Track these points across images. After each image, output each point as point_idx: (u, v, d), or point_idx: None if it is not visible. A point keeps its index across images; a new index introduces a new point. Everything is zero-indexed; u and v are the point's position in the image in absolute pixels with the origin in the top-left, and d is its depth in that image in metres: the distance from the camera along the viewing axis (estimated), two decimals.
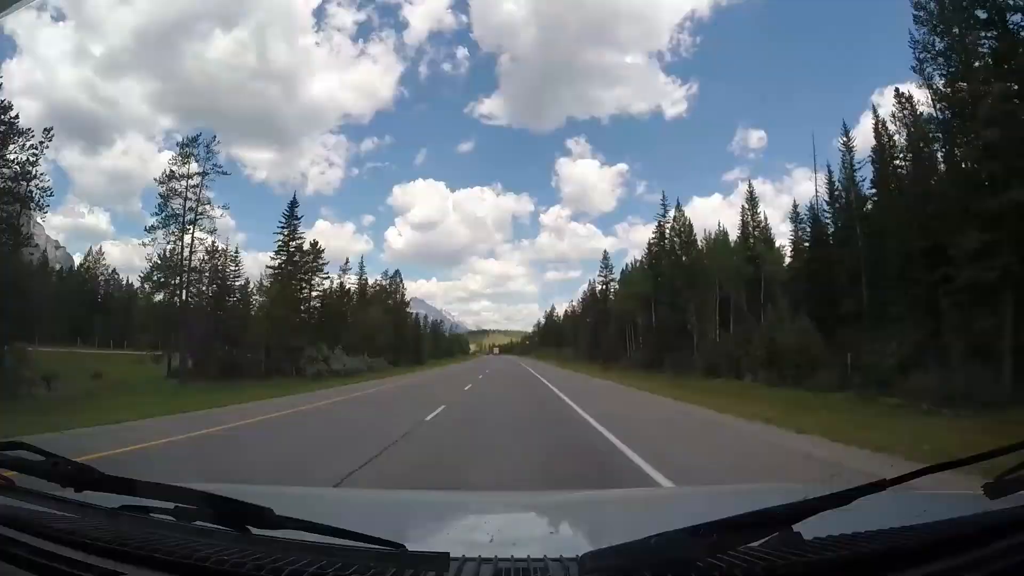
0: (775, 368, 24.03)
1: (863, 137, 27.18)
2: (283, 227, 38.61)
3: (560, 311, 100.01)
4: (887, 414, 12.89)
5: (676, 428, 10.84)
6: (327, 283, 42.16)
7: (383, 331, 48.34)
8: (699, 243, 39.45)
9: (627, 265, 58.75)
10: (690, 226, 40.52)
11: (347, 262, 50.41)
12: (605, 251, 67.85)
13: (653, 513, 1.80)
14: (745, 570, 0.76)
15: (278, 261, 38.25)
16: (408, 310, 65.08)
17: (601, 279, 61.08)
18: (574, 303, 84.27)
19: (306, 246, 39.14)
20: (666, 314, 38.77)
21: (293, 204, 40.06)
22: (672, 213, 41.26)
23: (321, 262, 41.68)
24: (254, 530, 0.91)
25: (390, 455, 7.38)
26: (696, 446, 8.64)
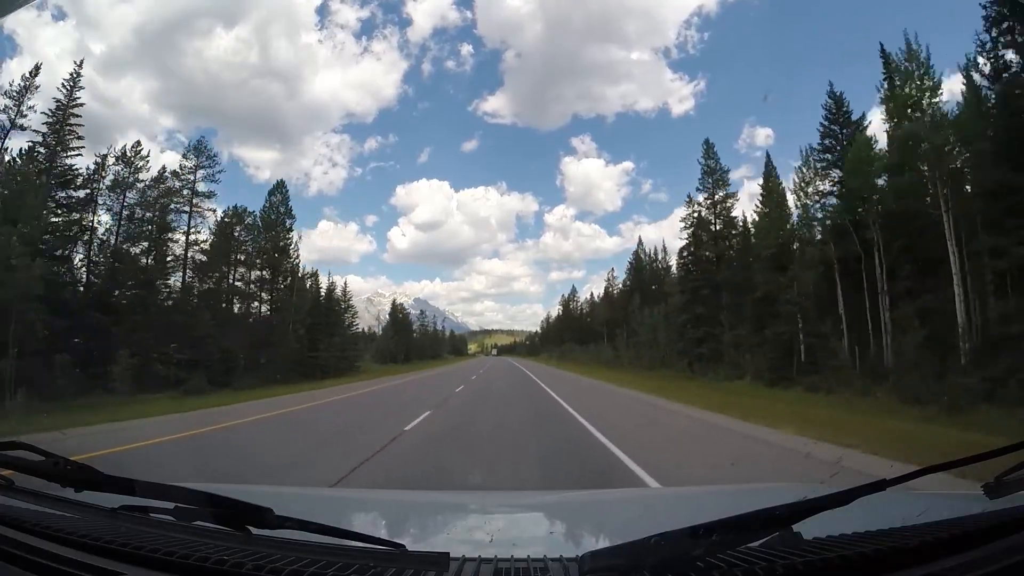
0: None
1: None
2: None
3: (583, 297, 75.07)
4: None
5: None
6: None
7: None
8: None
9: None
10: None
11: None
12: (707, 139, 32.67)
13: (653, 513, 1.79)
14: (745, 570, 0.76)
15: None
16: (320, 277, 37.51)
17: (705, 198, 29.39)
18: (612, 278, 58.77)
19: None
20: None
21: None
22: None
23: None
24: (254, 530, 0.91)
25: None
26: None
